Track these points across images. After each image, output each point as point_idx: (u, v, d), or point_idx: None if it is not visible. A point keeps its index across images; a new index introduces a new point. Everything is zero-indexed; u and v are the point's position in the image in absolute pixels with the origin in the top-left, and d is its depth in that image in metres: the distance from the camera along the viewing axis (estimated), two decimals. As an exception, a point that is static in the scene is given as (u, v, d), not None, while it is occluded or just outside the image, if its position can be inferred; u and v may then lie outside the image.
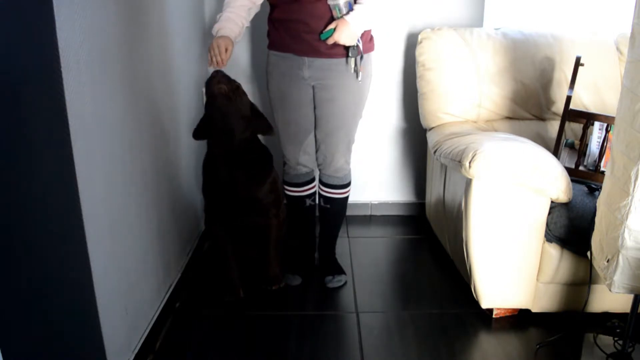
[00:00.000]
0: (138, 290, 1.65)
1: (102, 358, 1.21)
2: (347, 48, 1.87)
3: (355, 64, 1.88)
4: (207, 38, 2.58)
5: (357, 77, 1.90)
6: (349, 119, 2.01)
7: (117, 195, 1.47)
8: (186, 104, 2.20)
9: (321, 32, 1.83)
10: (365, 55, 1.94)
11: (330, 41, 1.81)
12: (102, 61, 1.36)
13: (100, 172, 1.36)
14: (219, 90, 1.86)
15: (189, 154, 2.24)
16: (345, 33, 1.80)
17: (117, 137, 1.47)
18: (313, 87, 1.97)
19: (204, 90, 2.50)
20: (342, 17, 1.80)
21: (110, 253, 1.43)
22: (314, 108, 2.01)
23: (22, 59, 0.88)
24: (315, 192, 2.25)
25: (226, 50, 1.88)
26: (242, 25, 1.94)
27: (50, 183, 0.98)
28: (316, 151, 2.11)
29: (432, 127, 2.39)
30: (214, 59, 1.87)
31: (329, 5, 1.80)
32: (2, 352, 0.85)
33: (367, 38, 1.95)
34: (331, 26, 1.81)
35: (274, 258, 2.11)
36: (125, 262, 1.54)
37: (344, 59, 1.89)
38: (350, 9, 1.80)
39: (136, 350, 1.60)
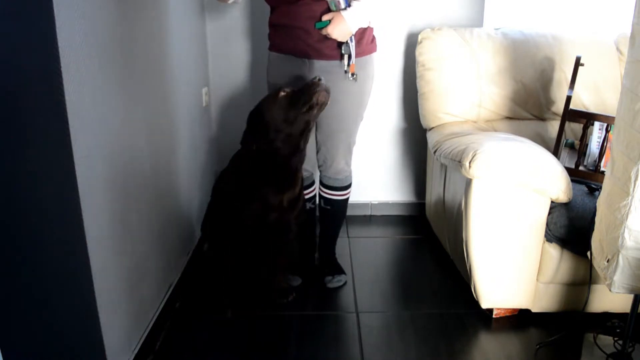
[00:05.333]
0: (138, 290, 1.65)
1: (102, 358, 1.21)
2: (340, 45, 1.86)
3: (348, 63, 1.87)
4: (208, 38, 2.58)
5: (349, 76, 1.89)
6: (349, 122, 2.01)
7: (117, 195, 1.47)
8: (186, 103, 2.20)
9: (316, 21, 1.82)
10: (367, 57, 1.94)
11: (323, 32, 1.81)
12: (102, 61, 1.36)
13: (100, 172, 1.36)
14: (324, 99, 1.73)
15: (188, 153, 2.24)
16: (339, 28, 1.79)
17: (117, 136, 1.47)
18: None
19: (205, 90, 2.51)
20: (338, 11, 1.79)
21: (110, 253, 1.43)
22: None
23: (22, 59, 0.88)
24: (314, 196, 2.24)
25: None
26: None
27: (50, 183, 0.98)
28: (317, 152, 2.11)
29: (432, 127, 2.39)
30: None
31: (326, 5, 1.79)
32: (2, 352, 0.85)
33: (369, 39, 1.95)
34: (327, 17, 1.80)
35: (285, 270, 2.08)
36: (125, 262, 1.54)
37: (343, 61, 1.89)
38: (347, 5, 1.79)
39: (136, 350, 1.60)
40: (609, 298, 1.85)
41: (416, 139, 2.76)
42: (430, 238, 2.56)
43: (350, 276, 2.23)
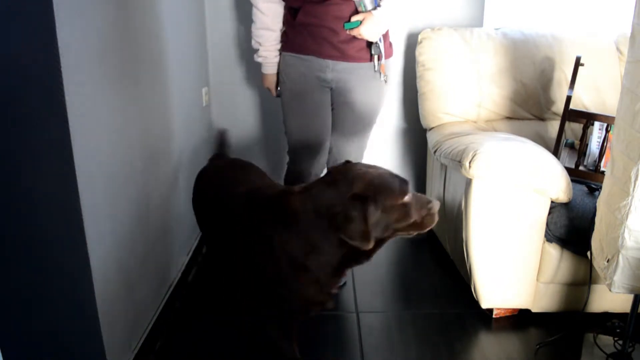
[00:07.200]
0: (138, 290, 1.65)
1: (102, 358, 1.21)
2: (369, 46, 1.86)
3: (378, 63, 1.87)
4: (208, 38, 2.58)
5: (380, 77, 1.88)
6: (364, 126, 2.00)
7: (117, 194, 1.47)
8: (185, 103, 2.20)
9: (346, 22, 1.80)
10: (386, 61, 1.92)
11: (354, 33, 1.79)
12: (102, 61, 1.36)
13: (100, 172, 1.36)
14: (427, 227, 1.37)
15: (188, 153, 2.24)
16: (372, 28, 1.77)
17: (117, 136, 1.47)
18: (332, 90, 1.95)
19: (204, 90, 2.51)
20: (368, 11, 1.78)
21: (110, 253, 1.43)
22: (332, 110, 2.00)
23: (22, 59, 0.88)
24: None
25: (272, 85, 2.10)
26: (278, 54, 2.04)
27: (50, 183, 0.98)
28: (328, 153, 2.10)
29: (432, 127, 2.39)
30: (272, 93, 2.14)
31: (354, 6, 1.78)
32: (2, 352, 0.86)
33: (387, 43, 1.94)
34: (357, 18, 1.78)
35: None
36: (125, 262, 1.54)
37: (368, 64, 1.88)
38: (377, 5, 1.78)
39: (136, 351, 1.60)
40: (609, 298, 1.85)
41: (416, 139, 2.76)
42: (430, 238, 2.56)
43: (351, 276, 2.22)
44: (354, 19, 1.78)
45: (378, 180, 1.31)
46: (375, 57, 1.86)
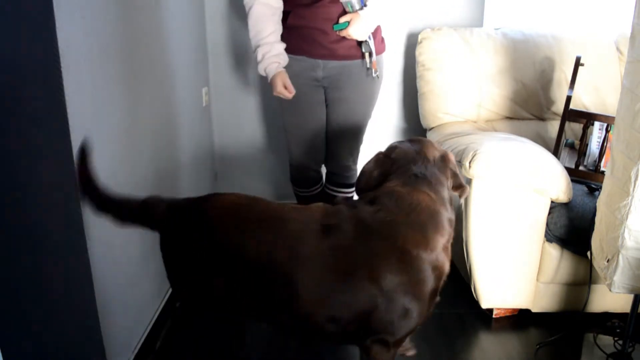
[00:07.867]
0: (138, 290, 1.65)
1: (102, 358, 1.21)
2: (359, 44, 1.89)
3: (370, 60, 1.90)
4: (208, 38, 2.58)
5: (372, 73, 1.92)
6: (359, 120, 2.03)
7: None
8: (186, 103, 2.20)
9: (334, 24, 1.84)
10: (378, 57, 1.95)
11: (343, 34, 1.83)
12: (102, 61, 1.36)
13: (100, 172, 1.36)
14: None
15: (188, 153, 2.24)
16: (359, 28, 1.81)
17: (117, 136, 1.47)
18: (325, 88, 1.98)
19: (205, 90, 2.50)
20: (355, 11, 1.81)
21: (110, 253, 1.43)
22: (326, 107, 2.02)
23: (22, 59, 0.88)
24: (319, 193, 2.25)
25: (285, 85, 1.88)
26: (282, 51, 1.89)
27: (51, 183, 0.98)
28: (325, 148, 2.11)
29: (432, 127, 2.39)
30: (285, 97, 1.91)
31: (342, 7, 1.82)
32: (2, 352, 0.86)
33: (380, 38, 1.97)
34: (345, 19, 1.82)
35: None
36: (125, 262, 1.54)
37: (358, 61, 1.92)
38: (363, 5, 1.82)
39: (136, 351, 1.60)
40: (609, 298, 1.85)
41: (416, 139, 2.76)
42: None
43: (350, 276, 2.22)
44: (342, 20, 1.83)
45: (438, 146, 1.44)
46: (367, 54, 1.90)
